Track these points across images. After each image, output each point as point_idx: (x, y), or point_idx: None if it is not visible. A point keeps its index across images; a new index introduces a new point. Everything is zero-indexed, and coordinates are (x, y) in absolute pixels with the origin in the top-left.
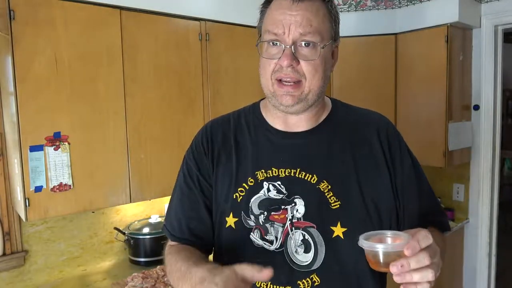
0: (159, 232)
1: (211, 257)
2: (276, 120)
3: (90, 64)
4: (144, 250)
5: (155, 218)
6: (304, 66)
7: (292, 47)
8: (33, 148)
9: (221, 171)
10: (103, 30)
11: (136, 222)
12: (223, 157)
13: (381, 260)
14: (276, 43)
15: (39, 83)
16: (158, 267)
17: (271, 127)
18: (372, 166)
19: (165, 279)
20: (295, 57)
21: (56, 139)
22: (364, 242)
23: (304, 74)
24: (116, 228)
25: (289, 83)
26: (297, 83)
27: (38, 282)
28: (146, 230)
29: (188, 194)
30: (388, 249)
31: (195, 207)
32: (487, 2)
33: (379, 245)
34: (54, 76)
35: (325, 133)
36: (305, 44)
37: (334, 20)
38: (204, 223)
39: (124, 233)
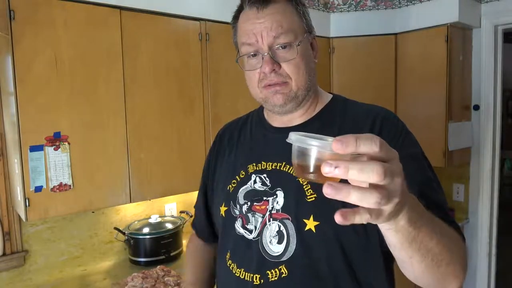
0: (159, 232)
1: None
2: (274, 118)
3: (90, 64)
4: (144, 250)
5: (155, 218)
6: (286, 67)
7: (270, 52)
8: (33, 148)
9: (224, 165)
10: (103, 30)
11: (136, 222)
12: (227, 153)
13: (312, 163)
14: (255, 54)
15: (39, 83)
16: (158, 267)
17: (268, 124)
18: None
19: (165, 279)
20: (275, 61)
21: (56, 139)
22: (292, 135)
23: (288, 75)
24: (116, 228)
25: (276, 83)
26: (284, 83)
27: (38, 282)
28: (146, 230)
29: (201, 187)
30: (326, 148)
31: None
32: (487, 2)
33: (314, 141)
34: (54, 76)
35: (316, 126)
36: (280, 46)
37: (302, 14)
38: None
39: (124, 233)
